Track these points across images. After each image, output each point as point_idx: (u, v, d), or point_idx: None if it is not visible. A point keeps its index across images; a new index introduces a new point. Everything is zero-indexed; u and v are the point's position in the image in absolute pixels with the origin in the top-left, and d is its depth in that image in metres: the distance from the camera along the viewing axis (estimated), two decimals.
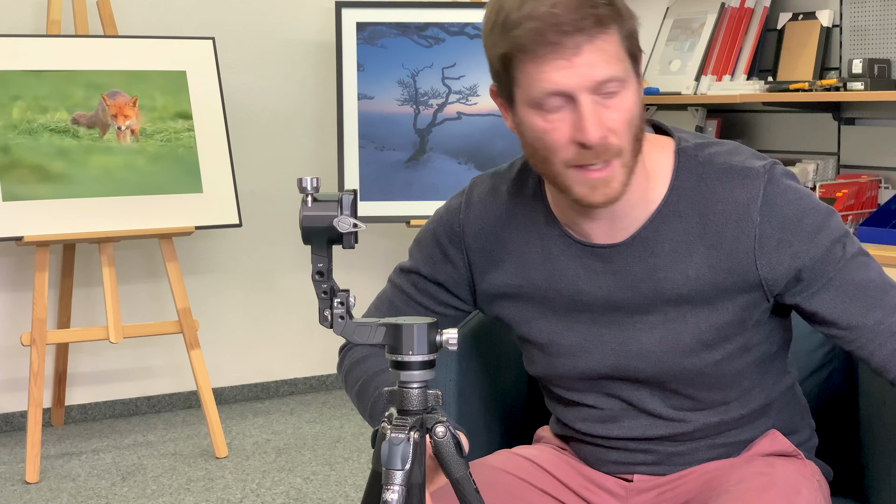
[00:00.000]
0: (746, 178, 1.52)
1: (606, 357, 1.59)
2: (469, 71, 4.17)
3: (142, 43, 3.94)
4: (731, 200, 1.52)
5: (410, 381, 1.37)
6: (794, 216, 1.51)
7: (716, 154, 1.56)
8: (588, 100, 1.41)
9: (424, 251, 1.73)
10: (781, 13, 4.32)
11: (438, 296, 1.71)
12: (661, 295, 1.55)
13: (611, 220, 1.54)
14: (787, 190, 1.52)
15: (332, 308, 1.38)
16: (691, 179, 1.54)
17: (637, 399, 1.61)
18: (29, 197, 3.67)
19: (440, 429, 1.36)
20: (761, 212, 1.50)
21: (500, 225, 1.64)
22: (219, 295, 4.54)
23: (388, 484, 1.32)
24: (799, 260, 1.51)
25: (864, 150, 4.13)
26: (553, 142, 1.45)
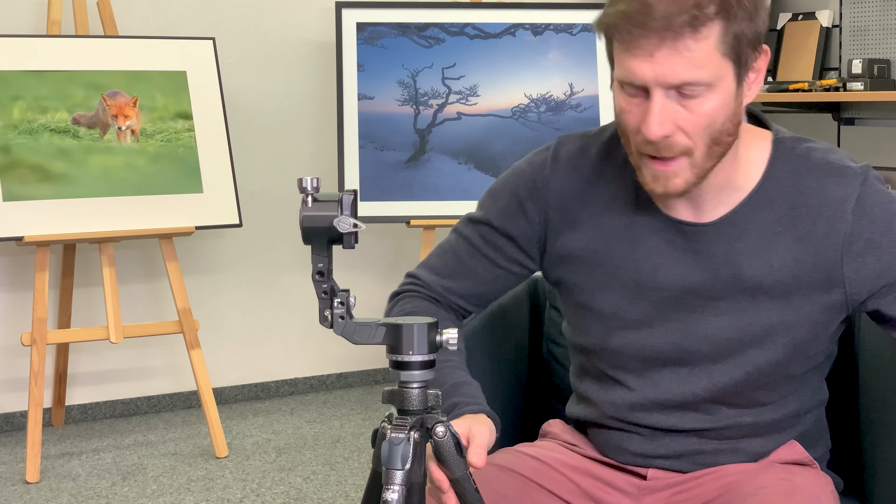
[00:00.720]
0: (843, 176, 1.52)
1: (669, 336, 1.57)
2: (469, 71, 4.18)
3: (142, 43, 3.95)
4: (826, 196, 1.51)
5: (410, 381, 1.37)
6: (885, 218, 1.51)
7: (813, 149, 1.56)
8: (661, 96, 1.41)
9: (499, 203, 1.67)
10: (781, 13, 4.33)
11: (506, 250, 1.66)
12: (740, 282, 1.53)
13: (696, 201, 1.54)
14: (881, 193, 1.53)
15: (332, 308, 1.38)
16: (786, 170, 1.54)
17: (678, 390, 1.59)
18: (29, 197, 3.67)
19: (440, 429, 1.37)
20: (854, 211, 1.50)
21: (586, 186, 1.61)
22: (219, 295, 4.54)
23: (389, 484, 1.32)
24: (884, 262, 1.50)
25: (864, 150, 4.13)
26: (626, 123, 1.46)
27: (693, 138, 1.43)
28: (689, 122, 1.42)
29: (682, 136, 1.43)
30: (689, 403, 1.60)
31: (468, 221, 1.70)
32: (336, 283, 1.39)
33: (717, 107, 1.42)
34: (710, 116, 1.42)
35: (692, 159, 1.45)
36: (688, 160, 1.45)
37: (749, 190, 1.54)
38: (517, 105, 4.17)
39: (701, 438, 1.62)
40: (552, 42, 4.16)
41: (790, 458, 1.65)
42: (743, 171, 1.54)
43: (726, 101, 1.43)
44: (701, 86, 1.40)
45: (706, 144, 1.44)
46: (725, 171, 1.52)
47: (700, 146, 1.44)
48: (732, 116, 1.45)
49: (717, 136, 1.44)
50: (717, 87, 1.42)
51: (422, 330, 1.35)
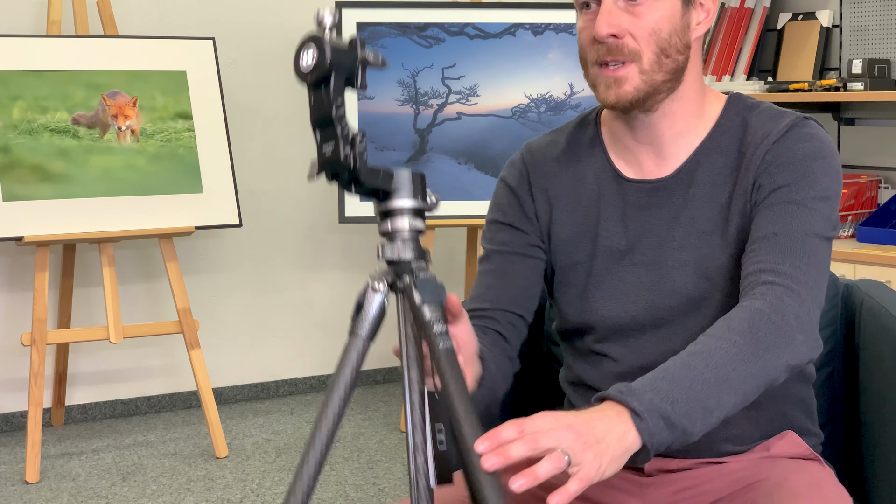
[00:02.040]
0: (782, 117, 1.63)
1: (640, 297, 1.63)
2: (469, 71, 4.18)
3: (142, 43, 3.95)
4: (761, 133, 1.61)
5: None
6: (792, 150, 1.58)
7: (764, 102, 1.69)
8: (610, 1, 1.54)
9: (500, 205, 1.74)
10: (781, 13, 4.33)
11: (524, 238, 1.71)
12: (696, 225, 1.60)
13: (657, 150, 1.64)
14: (809, 135, 1.60)
15: (353, 146, 1.30)
16: (736, 120, 1.65)
17: (660, 350, 1.59)
18: (29, 197, 3.67)
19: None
20: (775, 142, 1.59)
21: (560, 168, 1.72)
22: (219, 295, 4.54)
23: (436, 322, 1.30)
24: (762, 179, 1.57)
25: (864, 150, 4.13)
26: (583, 40, 1.60)
27: (640, 43, 1.55)
28: (635, 26, 1.54)
29: (630, 39, 1.55)
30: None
31: (480, 257, 1.77)
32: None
33: (663, 16, 1.56)
34: (655, 23, 1.55)
35: (640, 65, 1.56)
36: (636, 67, 1.56)
37: (702, 138, 1.65)
38: (517, 105, 4.17)
39: None
40: (552, 42, 4.16)
41: (792, 453, 1.65)
42: (704, 123, 1.65)
43: (672, 15, 1.57)
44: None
45: (654, 52, 1.56)
46: (687, 116, 1.63)
47: (647, 53, 1.56)
48: (679, 33, 1.58)
49: (664, 47, 1.57)
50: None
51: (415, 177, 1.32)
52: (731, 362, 1.40)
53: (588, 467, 1.28)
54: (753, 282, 1.50)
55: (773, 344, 1.43)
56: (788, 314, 1.46)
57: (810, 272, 1.51)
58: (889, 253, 3.62)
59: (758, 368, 1.42)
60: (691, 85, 1.63)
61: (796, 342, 1.45)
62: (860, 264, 3.63)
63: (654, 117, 1.61)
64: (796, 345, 1.46)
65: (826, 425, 1.86)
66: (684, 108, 1.63)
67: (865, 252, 3.66)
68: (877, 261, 3.61)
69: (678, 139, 1.64)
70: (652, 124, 1.62)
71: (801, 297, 1.48)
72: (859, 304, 1.84)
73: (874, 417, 1.80)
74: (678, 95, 1.62)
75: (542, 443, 1.26)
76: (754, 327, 1.44)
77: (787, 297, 1.47)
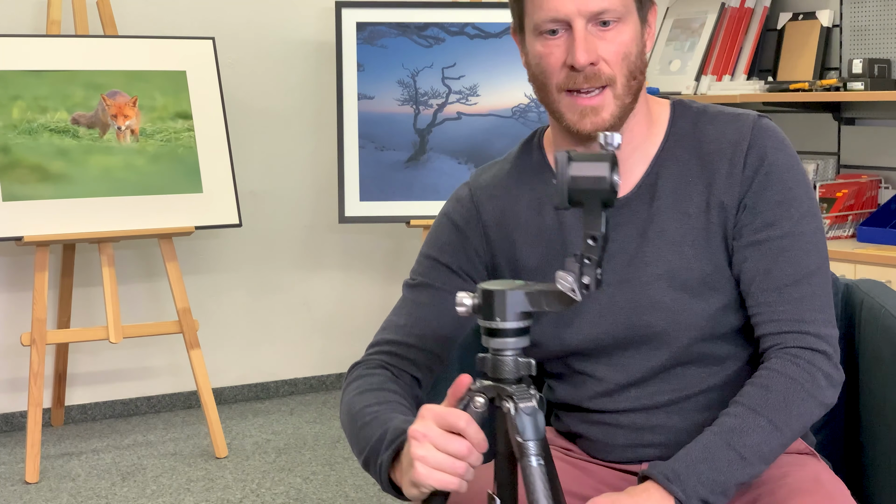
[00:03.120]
0: (737, 120, 1.61)
1: (618, 318, 1.60)
2: (469, 71, 4.18)
3: (142, 43, 3.94)
4: (724, 140, 1.60)
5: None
6: (766, 161, 1.58)
7: (709, 105, 1.67)
8: (582, 26, 1.51)
9: (440, 241, 1.70)
10: (781, 13, 4.33)
11: (456, 283, 1.68)
12: (665, 237, 1.58)
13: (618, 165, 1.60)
14: (773, 139, 1.60)
15: (595, 275, 1.32)
16: (687, 126, 1.63)
17: (642, 365, 1.61)
18: (29, 197, 3.67)
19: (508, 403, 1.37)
20: (746, 152, 1.58)
21: (512, 201, 1.68)
22: (219, 295, 4.54)
23: (530, 454, 1.33)
24: (747, 199, 1.57)
25: (864, 150, 4.13)
26: (548, 66, 1.55)
27: (614, 68, 1.53)
28: (609, 52, 1.52)
29: (604, 65, 1.52)
30: (657, 376, 1.62)
31: (409, 282, 1.71)
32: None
33: (631, 38, 1.54)
34: (626, 46, 1.53)
35: (615, 90, 1.54)
36: (611, 92, 1.54)
37: (657, 147, 1.63)
38: (517, 105, 4.17)
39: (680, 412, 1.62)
40: None
41: (791, 448, 1.65)
42: (654, 133, 1.63)
43: (636, 36, 1.55)
44: (616, 14, 1.52)
45: (625, 76, 1.54)
46: (641, 129, 1.61)
47: (620, 77, 1.54)
48: (641, 54, 1.57)
49: (633, 69, 1.55)
50: (627, 19, 1.53)
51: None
52: (768, 440, 1.49)
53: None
54: (780, 343, 1.55)
55: (807, 411, 1.52)
56: (819, 376, 1.53)
57: (827, 311, 1.57)
58: (889, 253, 3.62)
59: (792, 436, 1.51)
60: (641, 98, 1.61)
61: (827, 398, 1.54)
62: (860, 264, 3.63)
63: None
64: (827, 400, 1.55)
65: (826, 425, 1.86)
66: (638, 122, 1.60)
67: (865, 252, 3.66)
68: (877, 261, 3.61)
69: (634, 153, 1.62)
70: None
71: (829, 352, 1.55)
72: (859, 304, 1.84)
73: (874, 417, 1.80)
74: (634, 112, 1.59)
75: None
76: (789, 401, 1.51)
77: (818, 359, 1.53)
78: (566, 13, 1.51)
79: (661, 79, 4.45)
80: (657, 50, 4.55)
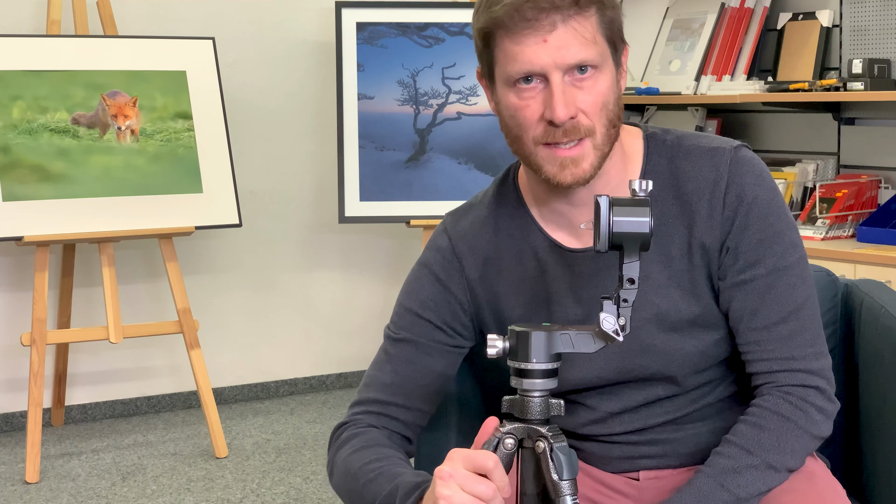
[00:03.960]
0: (714, 156, 1.56)
1: (611, 361, 1.58)
2: (469, 71, 4.18)
3: (142, 43, 3.94)
4: (701, 178, 1.55)
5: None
6: (745, 199, 1.54)
7: (683, 137, 1.61)
8: (559, 79, 1.45)
9: (421, 296, 1.64)
10: (781, 13, 4.32)
11: (439, 338, 1.64)
12: (650, 280, 1.55)
13: (591, 206, 1.56)
14: (750, 175, 1.55)
15: (629, 318, 1.35)
16: (662, 162, 1.58)
17: (635, 397, 1.60)
18: (29, 197, 3.67)
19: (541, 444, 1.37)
20: (725, 193, 1.54)
21: (493, 250, 1.63)
22: (219, 295, 4.54)
23: (564, 495, 1.35)
24: (730, 240, 1.54)
25: (864, 150, 4.13)
26: (524, 119, 1.48)
27: (593, 119, 1.47)
28: (587, 103, 1.46)
29: (583, 117, 1.47)
30: (650, 405, 1.61)
31: (390, 334, 1.67)
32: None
33: (608, 87, 1.48)
34: (604, 95, 1.48)
35: (594, 140, 1.48)
36: (591, 142, 1.48)
37: None
38: None
39: (676, 426, 1.62)
40: None
41: None
42: (630, 167, 1.57)
43: (612, 84, 1.49)
44: (593, 65, 1.46)
45: (604, 125, 1.48)
46: (617, 170, 1.56)
47: (599, 127, 1.48)
48: (618, 100, 1.51)
49: (611, 118, 1.49)
50: (603, 68, 1.48)
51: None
52: (763, 479, 1.49)
53: None
54: (772, 381, 1.54)
55: (801, 447, 1.52)
56: (813, 412, 1.52)
57: (817, 343, 1.55)
58: (889, 253, 3.62)
59: (788, 472, 1.51)
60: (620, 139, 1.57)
61: (822, 431, 1.54)
62: (860, 264, 3.63)
63: (592, 181, 1.52)
64: (821, 433, 1.54)
65: None
66: (614, 163, 1.55)
67: (865, 252, 3.66)
68: (877, 261, 3.61)
69: (613, 193, 1.54)
70: (589, 187, 1.53)
71: (822, 386, 1.54)
72: (859, 304, 1.84)
73: (874, 417, 1.80)
74: (609, 154, 1.53)
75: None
76: (783, 440, 1.50)
77: (811, 395, 1.53)
78: (542, 66, 1.44)
79: (661, 79, 4.45)
80: (657, 50, 4.55)
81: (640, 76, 4.53)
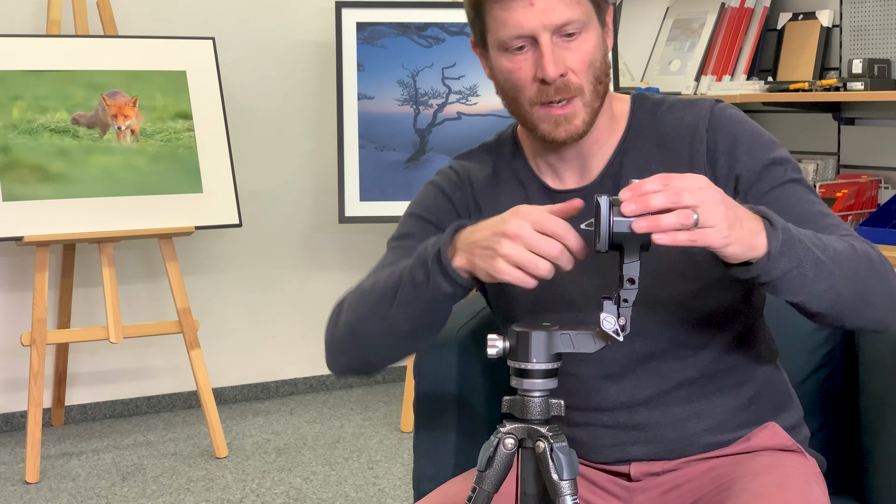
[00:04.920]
0: (694, 105, 1.65)
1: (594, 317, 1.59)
2: (469, 71, 4.17)
3: (142, 43, 3.95)
4: (683, 125, 1.62)
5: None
6: (737, 133, 1.60)
7: (668, 96, 1.70)
8: (548, 39, 1.53)
9: (426, 203, 1.71)
10: (781, 13, 4.33)
11: None
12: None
13: (580, 162, 1.64)
14: (733, 115, 1.63)
15: (628, 317, 1.35)
16: (646, 117, 1.66)
17: (617, 357, 1.60)
18: (29, 197, 3.67)
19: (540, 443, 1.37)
20: (708, 131, 1.60)
21: (490, 185, 1.71)
22: (219, 295, 4.54)
23: (564, 495, 1.34)
24: (736, 169, 1.58)
25: (864, 150, 4.13)
26: (518, 80, 1.57)
27: (581, 77, 1.55)
28: (575, 61, 1.55)
29: (572, 75, 1.55)
30: (634, 370, 1.62)
31: (393, 236, 1.71)
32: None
33: (595, 45, 1.56)
34: (591, 54, 1.56)
35: (584, 98, 1.56)
36: (581, 100, 1.56)
37: (618, 140, 1.65)
38: None
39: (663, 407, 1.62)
40: None
41: (773, 444, 1.65)
42: (616, 125, 1.66)
43: (599, 42, 1.58)
44: (578, 24, 1.54)
45: (591, 83, 1.56)
46: (605, 127, 1.64)
47: (587, 85, 1.56)
48: (605, 58, 1.60)
49: (598, 75, 1.58)
50: (589, 26, 1.56)
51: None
52: (850, 254, 1.46)
53: (717, 231, 1.32)
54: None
55: (884, 263, 1.50)
56: (882, 256, 1.52)
57: (823, 221, 1.56)
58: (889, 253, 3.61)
59: (869, 267, 1.47)
60: (606, 98, 1.64)
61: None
62: None
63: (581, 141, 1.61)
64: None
65: (826, 425, 1.86)
66: (603, 121, 1.63)
67: None
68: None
69: (595, 146, 1.64)
70: (579, 144, 1.62)
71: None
72: None
73: (874, 417, 1.80)
74: (601, 112, 1.62)
75: (684, 198, 1.30)
76: (864, 250, 1.49)
77: (873, 247, 1.53)
78: (531, 28, 1.52)
79: (661, 79, 4.45)
80: (657, 50, 4.55)
81: (640, 76, 4.53)
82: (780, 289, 1.41)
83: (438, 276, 1.48)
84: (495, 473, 1.39)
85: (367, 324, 1.59)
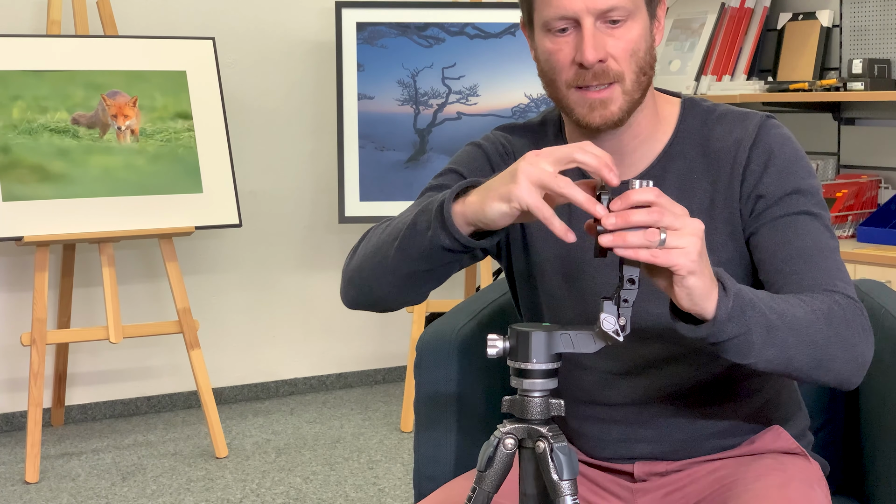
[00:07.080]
0: (745, 120, 1.62)
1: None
2: (469, 71, 4.18)
3: (142, 43, 3.95)
4: (729, 139, 1.61)
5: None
6: (775, 154, 1.58)
7: (719, 104, 1.68)
8: (591, 23, 1.51)
9: (467, 163, 1.68)
10: (781, 13, 4.33)
11: None
12: None
13: (620, 157, 1.59)
14: (777, 135, 1.61)
15: (628, 318, 1.35)
16: (695, 124, 1.64)
17: (633, 356, 1.60)
18: (29, 197, 3.67)
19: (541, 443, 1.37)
20: (751, 147, 1.59)
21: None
22: (219, 295, 4.54)
23: (564, 495, 1.34)
24: (759, 189, 1.57)
25: (864, 150, 4.13)
26: (557, 62, 1.55)
27: (622, 64, 1.53)
28: (617, 48, 1.53)
29: (612, 62, 1.53)
30: (649, 369, 1.62)
31: (430, 183, 1.70)
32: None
33: (640, 35, 1.54)
34: (634, 43, 1.54)
35: (623, 86, 1.54)
36: (620, 87, 1.54)
37: (664, 144, 1.63)
38: (517, 105, 4.17)
39: (674, 406, 1.62)
40: None
41: (776, 447, 1.65)
42: (662, 128, 1.63)
43: (645, 32, 1.56)
44: (624, 11, 1.52)
45: (634, 72, 1.54)
46: (648, 124, 1.62)
47: (629, 73, 1.54)
48: (650, 49, 1.58)
49: (642, 66, 1.56)
50: (636, 15, 1.54)
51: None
52: (810, 320, 1.44)
53: (685, 254, 1.30)
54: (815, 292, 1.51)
55: (859, 341, 1.49)
56: (860, 315, 1.50)
57: (850, 283, 1.55)
58: (889, 253, 3.62)
59: (831, 333, 1.45)
60: (649, 93, 1.62)
61: (869, 340, 1.51)
62: (860, 264, 3.63)
63: (621, 129, 1.58)
64: (868, 352, 1.51)
65: (826, 425, 1.86)
66: (645, 115, 1.61)
67: (865, 252, 3.66)
68: (877, 261, 3.61)
69: (640, 147, 1.62)
70: (618, 136, 1.59)
71: (864, 311, 1.53)
72: None
73: (874, 417, 1.80)
74: (641, 106, 1.59)
75: (665, 219, 1.30)
76: (850, 320, 1.48)
77: (860, 308, 1.51)
78: (575, 11, 1.51)
79: (661, 79, 4.46)
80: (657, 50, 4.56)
81: None
82: (727, 352, 1.40)
83: (438, 227, 1.47)
84: (495, 473, 1.39)
85: (372, 260, 1.60)
